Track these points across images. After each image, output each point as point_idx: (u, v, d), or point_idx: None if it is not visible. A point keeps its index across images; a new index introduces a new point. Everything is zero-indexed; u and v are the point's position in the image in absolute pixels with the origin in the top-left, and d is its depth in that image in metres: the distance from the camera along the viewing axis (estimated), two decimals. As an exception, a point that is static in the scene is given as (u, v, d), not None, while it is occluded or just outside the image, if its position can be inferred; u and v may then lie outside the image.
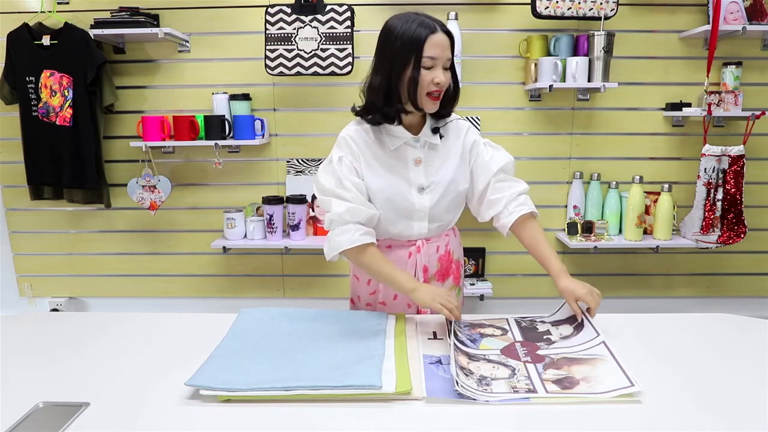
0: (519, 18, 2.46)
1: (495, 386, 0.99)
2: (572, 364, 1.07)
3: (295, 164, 2.61)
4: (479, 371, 1.04)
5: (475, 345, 1.17)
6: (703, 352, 1.17)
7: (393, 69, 1.24)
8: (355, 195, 1.28)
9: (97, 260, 2.74)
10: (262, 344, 1.14)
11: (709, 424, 0.89)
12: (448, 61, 1.24)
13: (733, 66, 2.43)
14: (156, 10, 2.46)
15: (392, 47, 1.23)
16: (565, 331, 1.23)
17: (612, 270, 2.70)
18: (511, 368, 1.06)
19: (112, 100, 2.47)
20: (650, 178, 2.57)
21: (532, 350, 1.14)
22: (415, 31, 1.20)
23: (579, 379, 1.01)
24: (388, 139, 1.32)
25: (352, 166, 1.30)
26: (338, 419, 0.90)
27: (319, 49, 2.33)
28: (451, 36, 1.24)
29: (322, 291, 2.74)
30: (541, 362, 1.08)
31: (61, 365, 1.11)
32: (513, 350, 1.14)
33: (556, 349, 1.14)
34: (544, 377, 1.02)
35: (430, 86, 1.23)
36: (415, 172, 1.33)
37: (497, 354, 1.13)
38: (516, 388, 0.98)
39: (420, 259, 1.38)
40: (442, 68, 1.23)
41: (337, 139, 1.35)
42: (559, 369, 1.05)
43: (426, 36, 1.20)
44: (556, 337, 1.20)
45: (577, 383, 0.99)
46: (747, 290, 2.72)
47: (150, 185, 2.51)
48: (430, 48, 1.20)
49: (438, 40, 1.21)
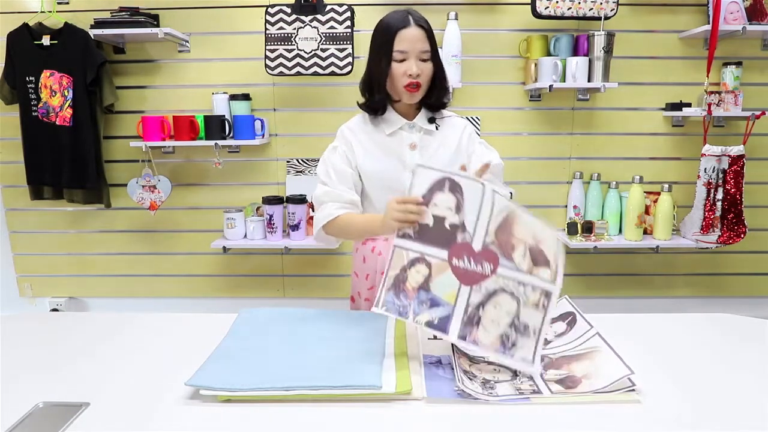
0: (519, 18, 2.46)
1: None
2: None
3: (295, 164, 2.61)
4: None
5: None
6: (703, 352, 1.17)
7: (372, 62, 1.34)
8: (334, 181, 1.37)
9: (97, 260, 2.74)
10: (262, 344, 1.14)
11: (708, 424, 0.89)
12: (424, 53, 1.30)
13: (733, 66, 2.43)
14: (156, 10, 2.46)
15: (373, 43, 1.34)
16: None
17: (612, 270, 2.70)
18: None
19: (112, 100, 2.47)
20: (650, 178, 2.57)
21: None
22: (388, 25, 1.30)
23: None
24: (384, 125, 1.40)
25: (345, 156, 1.39)
26: (338, 419, 0.90)
27: (319, 49, 2.33)
28: (426, 29, 1.30)
29: (322, 291, 2.74)
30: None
31: (61, 365, 1.11)
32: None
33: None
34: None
35: (404, 78, 1.30)
36: (411, 155, 1.38)
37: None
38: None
39: None
40: (418, 60, 1.30)
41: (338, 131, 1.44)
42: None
43: (396, 31, 1.28)
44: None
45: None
46: (747, 290, 2.72)
47: (150, 185, 2.51)
48: (399, 42, 1.28)
49: (408, 34, 1.28)
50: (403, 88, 1.31)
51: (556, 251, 1.08)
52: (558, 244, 1.09)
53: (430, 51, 1.31)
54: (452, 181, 1.08)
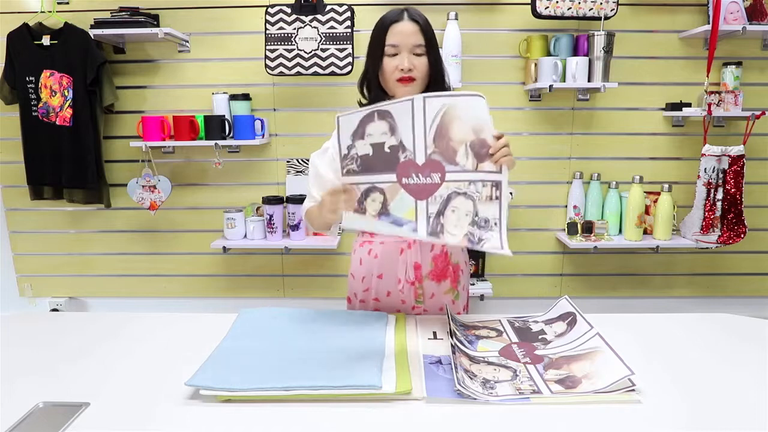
0: (519, 18, 2.47)
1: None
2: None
3: (295, 164, 2.61)
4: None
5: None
6: (703, 352, 1.16)
7: (368, 59, 1.34)
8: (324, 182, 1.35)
9: (97, 260, 2.74)
10: (262, 344, 1.14)
11: (708, 424, 0.89)
12: (417, 47, 1.29)
13: (733, 66, 2.43)
14: (156, 10, 2.46)
15: (370, 39, 1.33)
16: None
17: (612, 270, 2.70)
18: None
19: (112, 100, 2.47)
20: (650, 178, 2.57)
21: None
22: (382, 21, 1.29)
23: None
24: None
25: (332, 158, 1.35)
26: (338, 419, 0.90)
27: (319, 49, 2.33)
28: (420, 23, 1.29)
29: (322, 291, 2.74)
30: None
31: (61, 365, 1.11)
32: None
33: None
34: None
35: (395, 72, 1.29)
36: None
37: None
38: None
39: (411, 256, 1.38)
40: (411, 54, 1.28)
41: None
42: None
43: (388, 25, 1.28)
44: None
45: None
46: (747, 290, 2.72)
47: (150, 185, 2.51)
48: (391, 36, 1.27)
49: (400, 29, 1.27)
50: (395, 81, 1.29)
51: (487, 122, 1.11)
52: (484, 104, 1.09)
53: (424, 46, 1.29)
54: (380, 110, 1.12)
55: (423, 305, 1.41)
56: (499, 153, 1.10)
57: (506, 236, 1.10)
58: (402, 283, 1.37)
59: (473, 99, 1.09)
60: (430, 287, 1.41)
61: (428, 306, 1.42)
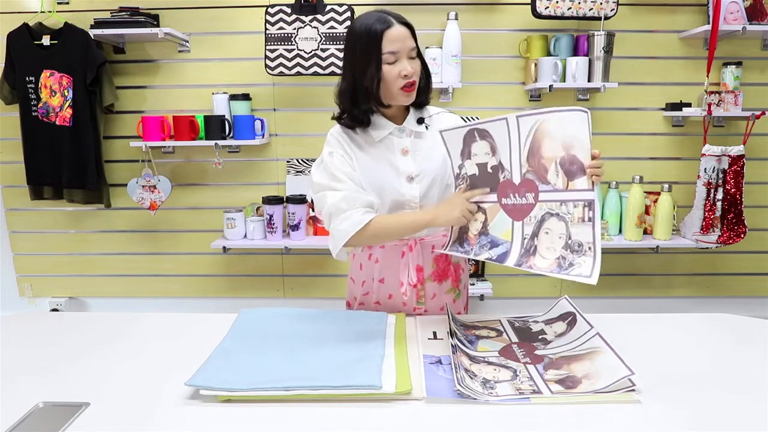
0: (519, 18, 2.46)
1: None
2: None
3: (295, 164, 2.61)
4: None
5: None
6: (703, 352, 1.17)
7: (356, 70, 1.25)
8: (349, 185, 1.26)
9: (97, 260, 2.74)
10: (262, 344, 1.14)
11: (708, 424, 0.89)
12: (412, 50, 1.25)
13: (733, 66, 2.43)
14: (156, 10, 2.47)
15: (353, 49, 1.25)
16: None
17: (612, 270, 2.70)
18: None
19: (112, 100, 2.47)
20: (650, 178, 2.57)
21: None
22: (371, 28, 1.21)
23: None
24: (373, 132, 1.32)
25: (344, 159, 1.29)
26: (338, 419, 0.90)
27: (319, 49, 2.33)
28: (410, 26, 1.25)
29: (322, 291, 2.74)
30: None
31: (61, 365, 1.11)
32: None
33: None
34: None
35: (399, 80, 1.23)
36: (404, 161, 1.32)
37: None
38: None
39: (413, 258, 1.36)
40: (408, 58, 1.24)
41: (326, 138, 1.34)
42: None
43: (382, 32, 1.20)
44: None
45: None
46: (747, 290, 2.72)
47: (150, 185, 2.51)
48: (388, 43, 1.21)
49: (395, 34, 1.21)
50: (400, 90, 1.23)
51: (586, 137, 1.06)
52: (586, 119, 1.05)
53: (416, 48, 1.26)
54: (478, 129, 1.17)
55: (424, 306, 1.41)
56: (596, 170, 1.08)
57: (600, 263, 1.07)
58: (405, 286, 1.35)
59: (575, 114, 1.06)
60: (431, 288, 1.41)
61: (429, 306, 1.42)
